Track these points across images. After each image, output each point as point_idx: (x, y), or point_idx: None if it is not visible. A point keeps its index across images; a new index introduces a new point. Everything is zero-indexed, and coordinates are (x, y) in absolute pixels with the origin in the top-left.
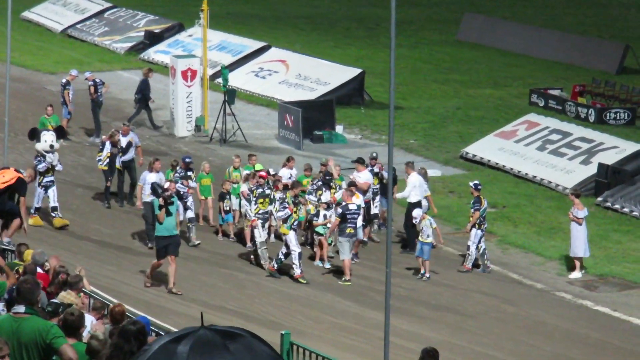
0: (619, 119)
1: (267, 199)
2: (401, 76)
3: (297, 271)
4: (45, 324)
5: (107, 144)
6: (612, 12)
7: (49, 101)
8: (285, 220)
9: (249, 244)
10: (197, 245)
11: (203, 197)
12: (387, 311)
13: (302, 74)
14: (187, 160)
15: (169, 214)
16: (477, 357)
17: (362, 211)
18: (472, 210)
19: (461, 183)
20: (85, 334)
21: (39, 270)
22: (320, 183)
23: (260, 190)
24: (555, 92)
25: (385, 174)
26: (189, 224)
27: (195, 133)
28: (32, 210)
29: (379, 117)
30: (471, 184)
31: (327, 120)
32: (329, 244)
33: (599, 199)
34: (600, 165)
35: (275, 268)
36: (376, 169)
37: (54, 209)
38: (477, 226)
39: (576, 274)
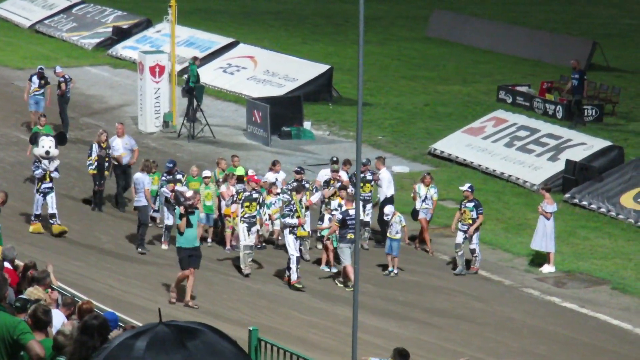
0: (587, 116)
1: (254, 203)
2: (369, 72)
3: (293, 276)
4: (12, 320)
5: (95, 146)
6: (580, 9)
7: (17, 97)
8: (292, 229)
9: (228, 246)
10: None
11: None
12: (355, 307)
13: (271, 70)
14: (169, 165)
15: (189, 224)
16: (445, 353)
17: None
18: (475, 213)
19: None
20: (54, 330)
21: (6, 265)
22: (295, 184)
23: (247, 193)
24: (523, 89)
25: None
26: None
27: (163, 129)
28: (33, 217)
29: (347, 114)
30: (467, 187)
31: (295, 117)
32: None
33: (567, 195)
34: (568, 162)
35: (297, 279)
36: (369, 176)
37: (52, 215)
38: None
39: (549, 268)
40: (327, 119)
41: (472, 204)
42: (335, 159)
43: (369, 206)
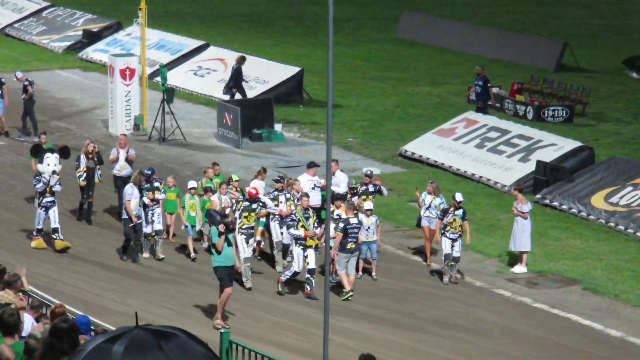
0: (557, 117)
1: (252, 214)
2: (340, 74)
3: (283, 277)
4: None
5: (82, 157)
6: (551, 9)
7: None
8: (297, 240)
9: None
10: (162, 259)
11: (167, 213)
12: (326, 309)
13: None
14: (147, 172)
15: (229, 242)
16: (417, 354)
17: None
18: (463, 221)
19: (400, 181)
20: (25, 334)
21: None
22: (276, 192)
23: (246, 203)
24: (494, 90)
25: (384, 191)
26: (155, 237)
27: (134, 132)
28: (35, 233)
29: (318, 116)
30: (460, 198)
31: (266, 119)
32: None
33: (538, 196)
34: (539, 163)
35: (310, 289)
36: (371, 188)
37: (55, 230)
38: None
39: (521, 268)
40: (297, 121)
41: (461, 211)
42: (369, 171)
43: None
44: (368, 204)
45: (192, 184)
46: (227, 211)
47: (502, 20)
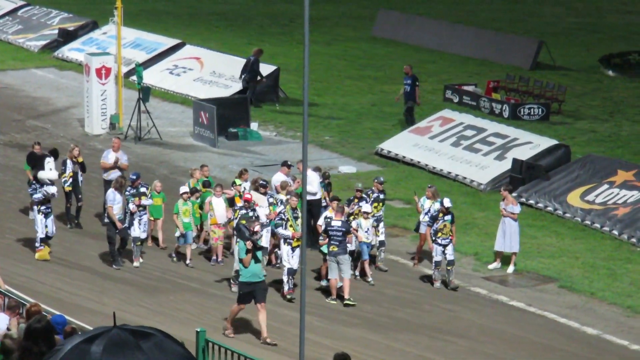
0: (533, 115)
1: (250, 222)
2: (316, 73)
3: (285, 287)
4: None
5: (69, 162)
6: (526, 8)
7: None
8: (285, 240)
9: (219, 257)
10: (136, 268)
11: (152, 218)
12: (302, 308)
13: (217, 71)
14: (132, 177)
15: (256, 259)
16: (392, 352)
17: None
18: (452, 225)
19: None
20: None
21: None
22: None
23: (244, 211)
24: (470, 88)
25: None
26: (137, 244)
27: (110, 131)
28: (37, 244)
29: (294, 114)
30: (448, 203)
31: (242, 118)
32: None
33: (514, 194)
34: (515, 161)
35: (289, 290)
36: (382, 195)
37: (48, 238)
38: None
39: (512, 267)
40: (274, 119)
41: (450, 216)
42: (381, 178)
43: (381, 224)
44: (366, 207)
45: (184, 189)
46: (257, 227)
47: (478, 18)
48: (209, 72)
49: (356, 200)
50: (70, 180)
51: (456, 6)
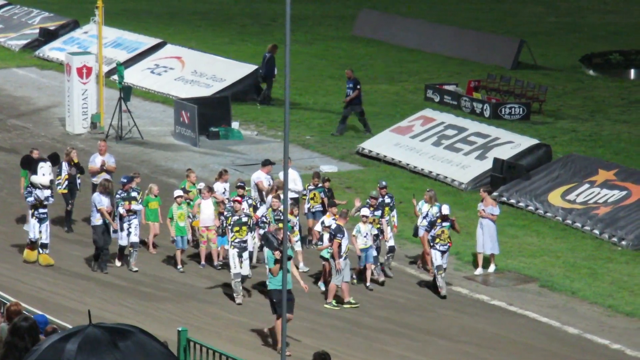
0: (514, 114)
1: (244, 227)
2: (297, 72)
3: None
4: None
5: (64, 165)
6: (507, 7)
7: None
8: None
9: (202, 262)
10: (135, 272)
11: (150, 222)
12: (284, 308)
13: (198, 71)
14: (123, 181)
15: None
16: (373, 352)
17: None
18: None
19: (357, 179)
20: None
21: None
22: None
23: (236, 217)
24: (451, 88)
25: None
26: (130, 249)
27: (91, 130)
28: (29, 243)
29: (275, 114)
30: (446, 211)
31: (223, 117)
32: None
33: (495, 193)
34: (496, 160)
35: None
36: (387, 199)
37: (44, 245)
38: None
39: (493, 266)
40: (255, 119)
41: (448, 223)
42: (384, 183)
43: (388, 229)
44: (364, 211)
45: (178, 192)
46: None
47: (459, 17)
48: (190, 71)
49: (371, 208)
50: (66, 182)
51: (437, 6)
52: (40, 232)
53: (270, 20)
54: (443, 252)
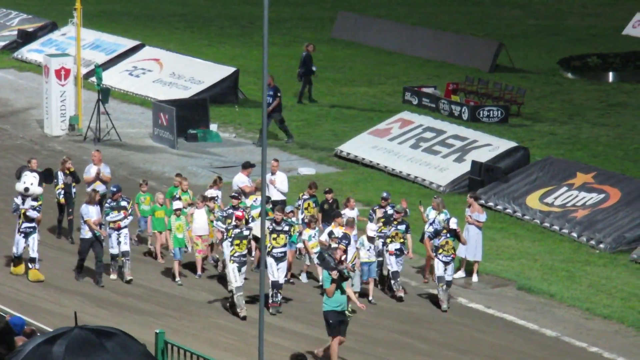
0: (492, 117)
1: (244, 241)
2: (275, 74)
3: (269, 300)
4: None
5: (60, 174)
6: (485, 10)
7: None
8: (269, 252)
9: (199, 272)
10: (129, 281)
11: (156, 231)
12: (261, 310)
13: (176, 73)
14: (113, 190)
15: (342, 290)
16: (350, 352)
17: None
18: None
19: (335, 181)
20: None
21: None
22: (230, 210)
23: (237, 230)
24: (429, 90)
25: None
26: (123, 259)
27: (69, 132)
28: (13, 259)
29: (253, 116)
30: (454, 225)
31: (202, 119)
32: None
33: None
34: (474, 163)
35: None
36: (390, 210)
37: (32, 260)
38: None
39: (475, 277)
40: (233, 121)
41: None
42: (385, 194)
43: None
44: (371, 225)
45: (177, 204)
46: (339, 254)
47: (438, 20)
48: (169, 73)
49: (395, 222)
50: (62, 192)
51: (415, 8)
52: (27, 246)
53: (249, 22)
54: (446, 263)
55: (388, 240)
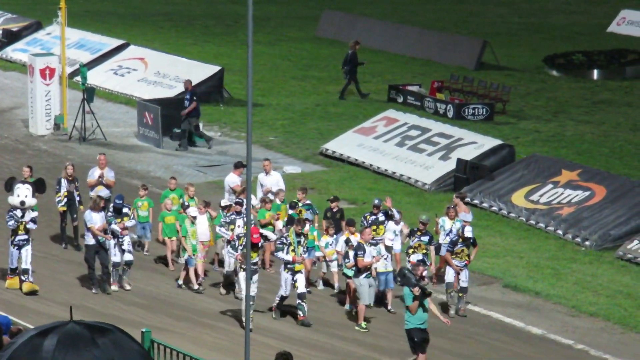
0: (477, 115)
1: (255, 249)
2: (260, 73)
3: (273, 303)
4: None
5: (63, 182)
6: (470, 8)
7: None
8: (285, 264)
9: (201, 277)
10: (128, 290)
11: (166, 238)
12: (247, 309)
13: (161, 72)
14: (118, 201)
15: (424, 307)
16: (338, 352)
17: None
18: (473, 248)
19: (321, 179)
20: None
21: None
22: (233, 216)
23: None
24: (414, 88)
25: (396, 214)
26: (124, 267)
27: (54, 131)
28: (8, 272)
29: (238, 114)
30: (469, 234)
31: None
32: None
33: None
34: (459, 161)
35: (302, 316)
36: (380, 217)
37: (25, 271)
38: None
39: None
40: (218, 120)
41: (469, 241)
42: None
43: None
44: (388, 235)
45: (193, 211)
46: (424, 272)
47: (422, 18)
48: (153, 72)
49: (419, 233)
50: (65, 199)
51: (400, 6)
52: (20, 258)
53: (234, 21)
54: (460, 269)
55: (410, 251)
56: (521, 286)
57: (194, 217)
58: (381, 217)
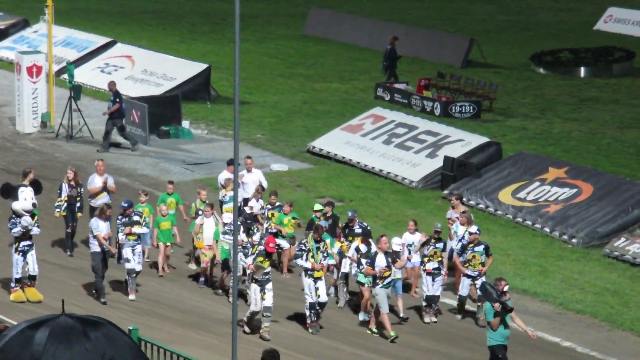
0: (465, 112)
1: (267, 259)
2: (247, 71)
3: (307, 319)
4: None
5: (64, 186)
6: (457, 5)
7: None
8: (306, 271)
9: (201, 279)
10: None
11: (161, 243)
12: (235, 306)
13: (148, 70)
14: (124, 205)
15: (505, 324)
16: (326, 350)
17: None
18: (485, 257)
19: (308, 177)
20: None
21: None
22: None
23: (261, 247)
24: (401, 86)
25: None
26: (134, 275)
27: (41, 129)
28: (12, 284)
29: (226, 112)
30: (476, 229)
31: (174, 116)
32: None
33: (445, 192)
34: (446, 159)
35: (311, 323)
36: (357, 229)
37: (33, 277)
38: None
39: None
40: (205, 117)
41: (482, 246)
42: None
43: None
44: (396, 239)
45: (228, 217)
46: (502, 285)
47: (410, 16)
48: (140, 70)
49: (433, 241)
50: (66, 204)
51: (387, 4)
52: (26, 264)
53: (221, 19)
54: (474, 279)
55: (425, 259)
56: (508, 284)
57: (224, 223)
58: (357, 229)
